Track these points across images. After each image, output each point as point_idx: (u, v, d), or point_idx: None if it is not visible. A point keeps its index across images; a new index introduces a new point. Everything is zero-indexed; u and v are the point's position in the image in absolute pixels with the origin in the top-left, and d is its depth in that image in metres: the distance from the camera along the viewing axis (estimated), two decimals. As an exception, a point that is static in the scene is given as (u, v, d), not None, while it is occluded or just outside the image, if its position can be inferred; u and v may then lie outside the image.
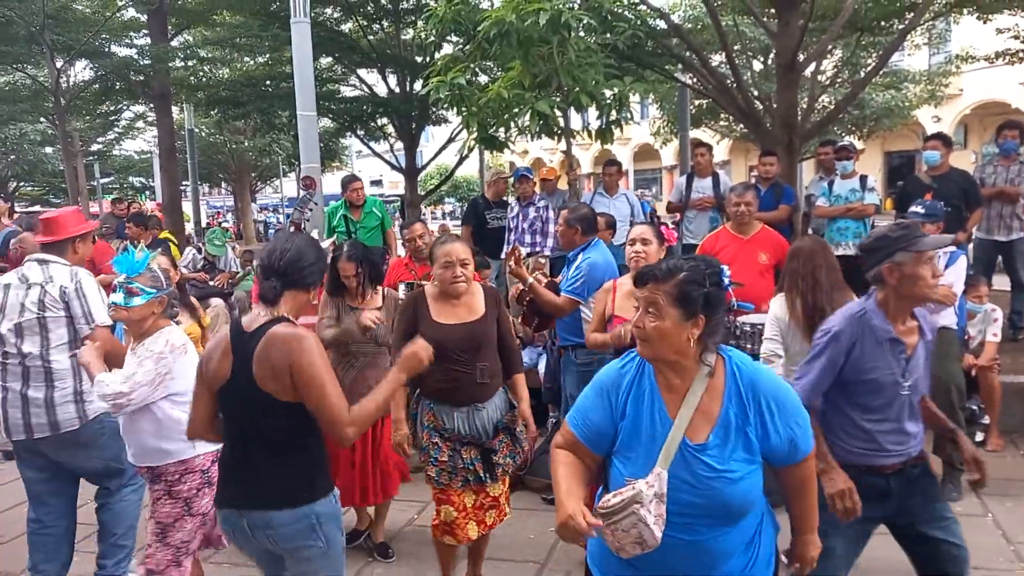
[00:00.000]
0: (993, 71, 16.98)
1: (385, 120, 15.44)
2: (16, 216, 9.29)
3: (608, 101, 6.75)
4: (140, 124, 26.25)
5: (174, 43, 15.49)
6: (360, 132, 15.70)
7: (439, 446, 3.52)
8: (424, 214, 25.14)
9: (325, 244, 5.58)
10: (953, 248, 4.69)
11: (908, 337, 2.75)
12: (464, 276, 3.49)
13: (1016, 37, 11.85)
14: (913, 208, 4.92)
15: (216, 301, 8.46)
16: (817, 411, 2.78)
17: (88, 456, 3.74)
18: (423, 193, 16.59)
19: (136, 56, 15.24)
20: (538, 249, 7.38)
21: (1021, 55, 11.91)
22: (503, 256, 7.50)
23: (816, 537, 2.28)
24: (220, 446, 2.70)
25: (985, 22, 10.63)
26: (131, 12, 15.27)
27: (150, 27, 14.76)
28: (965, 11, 10.19)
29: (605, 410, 2.15)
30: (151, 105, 17.44)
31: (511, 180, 8.15)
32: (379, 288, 4.44)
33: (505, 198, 8.37)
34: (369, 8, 13.22)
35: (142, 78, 14.96)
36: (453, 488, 3.54)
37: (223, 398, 2.57)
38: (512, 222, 7.59)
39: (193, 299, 4.48)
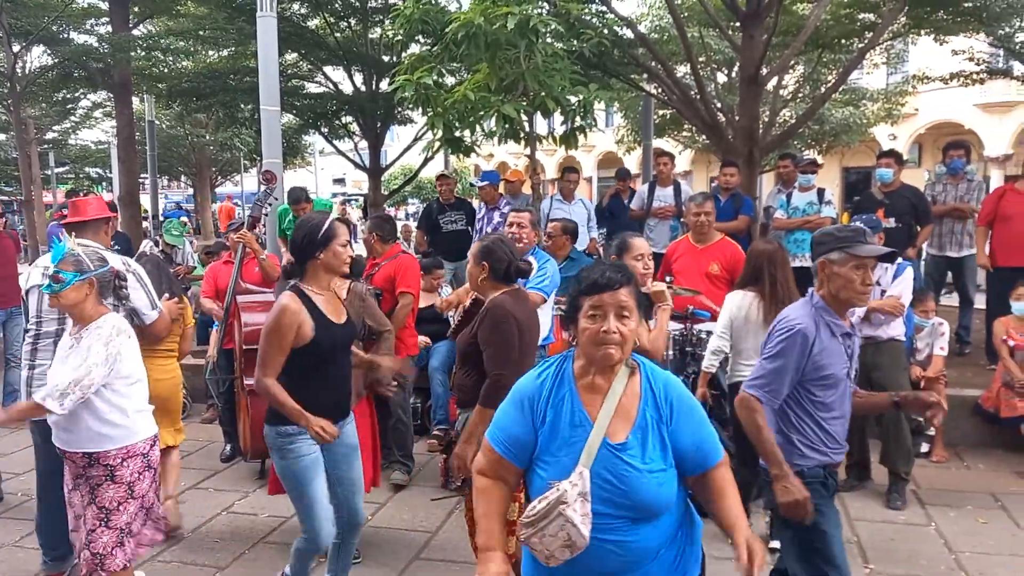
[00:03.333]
0: (948, 92, 17.46)
1: (350, 118, 15.31)
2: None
3: (573, 107, 6.78)
4: (98, 113, 25.63)
5: (136, 32, 15.20)
6: (324, 129, 15.56)
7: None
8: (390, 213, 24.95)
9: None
10: (900, 260, 4.82)
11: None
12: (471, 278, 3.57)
13: (971, 59, 12.14)
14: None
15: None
16: (777, 414, 2.81)
17: None
18: (387, 193, 16.49)
19: (96, 44, 14.89)
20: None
21: (975, 77, 12.22)
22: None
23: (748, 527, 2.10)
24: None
25: (941, 44, 10.90)
26: (92, -2, 14.96)
27: (111, 15, 14.45)
28: (922, 32, 10.45)
29: (525, 420, 2.16)
30: (110, 94, 17.07)
31: (458, 180, 8.21)
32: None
33: (465, 198, 8.39)
34: (337, 5, 13.10)
35: (101, 66, 14.63)
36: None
37: None
38: (478, 224, 7.63)
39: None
